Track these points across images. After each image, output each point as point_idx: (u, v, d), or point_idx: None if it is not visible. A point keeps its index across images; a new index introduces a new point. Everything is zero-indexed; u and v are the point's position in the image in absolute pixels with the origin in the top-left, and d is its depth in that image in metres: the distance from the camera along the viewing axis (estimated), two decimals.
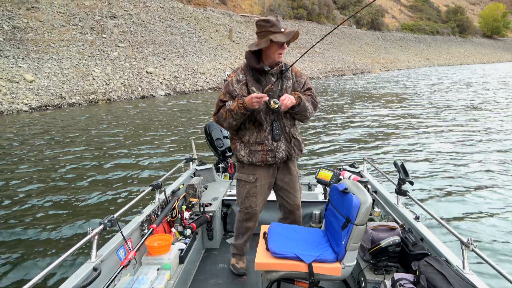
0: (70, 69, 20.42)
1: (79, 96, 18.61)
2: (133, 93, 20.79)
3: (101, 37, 24.65)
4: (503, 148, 9.79)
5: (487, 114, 15.04)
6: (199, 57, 28.00)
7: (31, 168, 7.80)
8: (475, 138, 10.93)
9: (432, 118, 14.26)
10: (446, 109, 16.50)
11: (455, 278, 1.97)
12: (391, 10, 76.83)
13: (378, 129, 12.37)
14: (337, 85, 28.10)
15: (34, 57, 20.16)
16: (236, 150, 2.80)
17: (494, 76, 35.79)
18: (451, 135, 11.38)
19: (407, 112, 15.71)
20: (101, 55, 22.96)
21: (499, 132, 11.62)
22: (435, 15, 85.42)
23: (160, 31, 28.57)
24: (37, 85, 17.96)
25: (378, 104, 18.23)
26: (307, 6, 49.91)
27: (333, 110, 16.20)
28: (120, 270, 2.24)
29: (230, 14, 39.07)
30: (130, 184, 6.85)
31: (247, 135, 2.72)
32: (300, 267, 2.17)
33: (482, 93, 22.23)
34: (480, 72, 43.24)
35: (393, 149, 9.74)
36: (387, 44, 60.78)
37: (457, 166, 8.30)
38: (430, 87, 26.47)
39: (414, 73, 43.50)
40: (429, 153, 9.38)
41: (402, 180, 2.95)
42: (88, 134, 11.00)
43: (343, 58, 45.47)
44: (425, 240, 2.58)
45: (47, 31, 22.62)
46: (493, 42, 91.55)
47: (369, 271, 2.62)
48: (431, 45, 71.07)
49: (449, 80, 32.78)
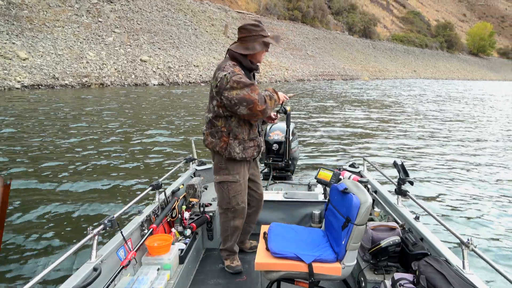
0: (64, 50, 20.27)
1: (72, 78, 18.53)
2: (127, 79, 20.78)
3: (97, 20, 24.49)
4: (504, 149, 10.09)
5: (487, 120, 15.76)
6: (194, 50, 28.08)
7: (29, 168, 7.67)
8: (475, 140, 11.13)
9: (432, 121, 14.62)
10: (445, 114, 16.97)
11: (455, 278, 1.98)
12: (383, 20, 78.08)
13: (379, 129, 12.51)
14: (335, 89, 28.52)
15: (29, 35, 19.94)
16: (229, 148, 2.74)
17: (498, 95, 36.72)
18: (451, 135, 11.60)
19: (407, 115, 16.06)
20: (96, 39, 22.83)
21: (500, 138, 12.04)
22: (425, 28, 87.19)
23: (157, 20, 28.52)
24: (30, 64, 17.81)
25: (379, 107, 18.75)
26: (302, 9, 50.36)
27: (333, 111, 16.44)
28: (120, 270, 2.23)
29: (226, 10, 39.17)
30: (130, 184, 6.73)
31: (243, 133, 2.74)
32: (300, 267, 2.18)
33: (480, 105, 23.00)
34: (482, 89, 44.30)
35: (393, 149, 9.85)
36: (377, 52, 61.84)
37: (457, 166, 8.40)
38: (430, 97, 27.13)
39: (402, 83, 44.25)
40: (429, 153, 9.49)
41: (402, 180, 2.95)
42: (86, 132, 10.80)
43: (333, 63, 46.12)
44: (425, 240, 2.58)
45: (42, 9, 22.37)
46: (478, 60, 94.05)
47: (369, 271, 2.62)
48: (419, 57, 72.60)
49: (453, 93, 33.41)
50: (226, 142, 2.74)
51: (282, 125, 4.16)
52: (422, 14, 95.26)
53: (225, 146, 2.75)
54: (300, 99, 20.01)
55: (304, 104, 18.33)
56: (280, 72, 33.15)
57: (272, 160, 4.17)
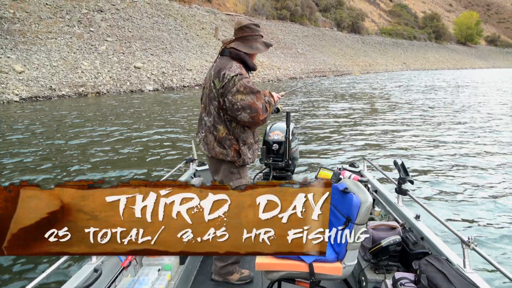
0: (59, 61, 20.52)
1: (69, 88, 18.79)
2: (122, 87, 21.07)
3: (89, 30, 24.74)
4: (505, 147, 10.03)
5: (491, 114, 15.51)
6: (186, 54, 28.41)
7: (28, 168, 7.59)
8: (477, 137, 11.11)
9: (433, 118, 14.61)
10: (442, 110, 16.83)
11: (456, 277, 1.97)
12: (371, 14, 78.76)
13: (379, 128, 12.49)
14: (329, 85, 28.91)
15: (23, 48, 20.17)
16: (242, 154, 2.66)
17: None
18: (452, 135, 11.57)
19: (407, 113, 15.98)
20: (89, 48, 23.09)
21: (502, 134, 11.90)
22: (412, 20, 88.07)
23: (147, 26, 28.81)
24: (26, 76, 18.05)
25: (378, 104, 18.71)
26: (290, 7, 50.75)
27: (332, 111, 16.45)
28: (120, 271, 2.24)
29: (215, 12, 39.49)
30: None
31: (249, 137, 2.68)
32: (301, 267, 2.17)
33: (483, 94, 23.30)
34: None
35: (393, 148, 9.83)
36: (366, 47, 62.42)
37: (457, 165, 8.41)
38: (427, 89, 27.25)
39: (392, 76, 44.82)
40: (429, 152, 9.47)
41: (402, 179, 2.96)
42: (84, 133, 10.76)
43: (324, 59, 46.60)
44: (426, 239, 2.59)
45: (34, 22, 22.57)
46: (467, 49, 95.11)
47: (370, 270, 2.63)
48: (408, 49, 73.33)
49: (452, 83, 33.65)
50: (237, 150, 2.65)
51: (282, 125, 4.10)
52: (409, 7, 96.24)
53: (238, 154, 2.66)
54: (299, 99, 20.25)
55: (304, 104, 18.54)
56: (272, 72, 33.55)
57: (272, 160, 4.09)
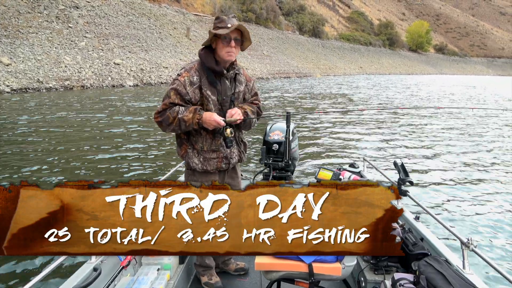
0: (43, 56, 21.44)
1: (55, 82, 19.85)
2: (104, 82, 22.32)
3: (67, 26, 25.61)
4: (504, 149, 10.32)
5: (491, 115, 15.94)
6: (161, 52, 29.84)
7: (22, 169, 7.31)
8: (477, 139, 11.27)
9: (434, 121, 14.94)
10: (443, 114, 16.98)
11: (455, 278, 1.96)
12: (330, 20, 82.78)
13: (379, 129, 12.62)
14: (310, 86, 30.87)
15: (6, 41, 20.92)
16: (187, 157, 2.59)
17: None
18: (452, 135, 11.74)
19: (406, 113, 16.35)
20: (69, 44, 24.05)
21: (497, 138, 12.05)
22: (368, 27, 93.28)
23: (123, 25, 29.94)
24: (14, 69, 18.96)
25: (377, 105, 19.50)
26: (255, 10, 52.82)
27: (331, 110, 16.85)
28: (120, 271, 2.24)
29: (183, 13, 40.90)
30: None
31: (200, 142, 2.55)
32: (300, 267, 2.17)
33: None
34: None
35: (393, 149, 9.86)
36: (326, 51, 65.94)
37: (457, 165, 8.47)
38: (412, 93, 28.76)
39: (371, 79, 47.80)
40: (429, 153, 9.53)
41: (402, 180, 2.93)
42: (81, 133, 10.55)
43: (288, 61, 49.22)
44: (425, 240, 2.58)
45: (13, 16, 23.24)
46: (418, 56, 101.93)
47: (369, 271, 2.62)
48: (364, 54, 77.91)
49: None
50: (184, 149, 2.61)
51: (282, 125, 4.03)
52: (366, 14, 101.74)
53: (184, 153, 2.62)
54: (299, 99, 20.88)
55: (304, 105, 19.26)
56: None
57: (272, 160, 4.04)
